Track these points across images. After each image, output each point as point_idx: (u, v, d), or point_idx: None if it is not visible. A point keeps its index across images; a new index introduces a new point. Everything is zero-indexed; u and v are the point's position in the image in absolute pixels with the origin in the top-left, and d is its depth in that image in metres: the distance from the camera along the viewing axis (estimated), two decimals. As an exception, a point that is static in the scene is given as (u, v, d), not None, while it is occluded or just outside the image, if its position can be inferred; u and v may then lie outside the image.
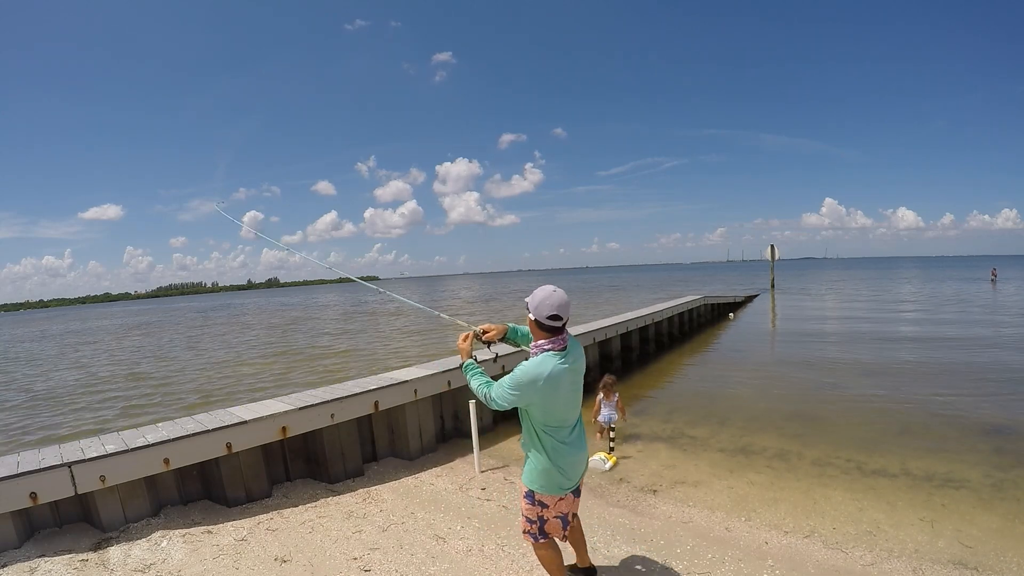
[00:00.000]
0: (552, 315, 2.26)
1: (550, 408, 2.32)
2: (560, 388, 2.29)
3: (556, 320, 2.27)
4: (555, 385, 2.27)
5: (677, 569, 3.27)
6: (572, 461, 2.39)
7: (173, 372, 13.82)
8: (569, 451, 2.37)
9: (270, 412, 4.47)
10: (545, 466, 2.36)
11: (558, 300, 2.28)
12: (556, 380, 2.26)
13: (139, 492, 3.93)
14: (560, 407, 2.34)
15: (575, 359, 2.38)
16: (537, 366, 2.26)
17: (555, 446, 2.35)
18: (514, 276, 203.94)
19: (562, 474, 2.36)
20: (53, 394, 11.78)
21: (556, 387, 2.27)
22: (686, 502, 4.42)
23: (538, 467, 2.37)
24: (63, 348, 23.90)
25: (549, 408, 2.32)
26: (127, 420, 8.70)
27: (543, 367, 2.25)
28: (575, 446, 2.40)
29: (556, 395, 2.30)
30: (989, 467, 4.93)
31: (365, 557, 3.43)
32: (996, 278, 35.76)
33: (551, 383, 2.25)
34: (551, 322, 2.27)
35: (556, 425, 2.36)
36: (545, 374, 2.24)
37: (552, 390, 2.27)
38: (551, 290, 2.31)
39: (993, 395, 7.57)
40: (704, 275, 76.37)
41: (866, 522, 3.96)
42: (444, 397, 6.04)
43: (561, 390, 2.30)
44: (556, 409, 2.33)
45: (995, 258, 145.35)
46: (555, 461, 2.35)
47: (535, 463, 2.39)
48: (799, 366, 10.41)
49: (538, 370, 2.25)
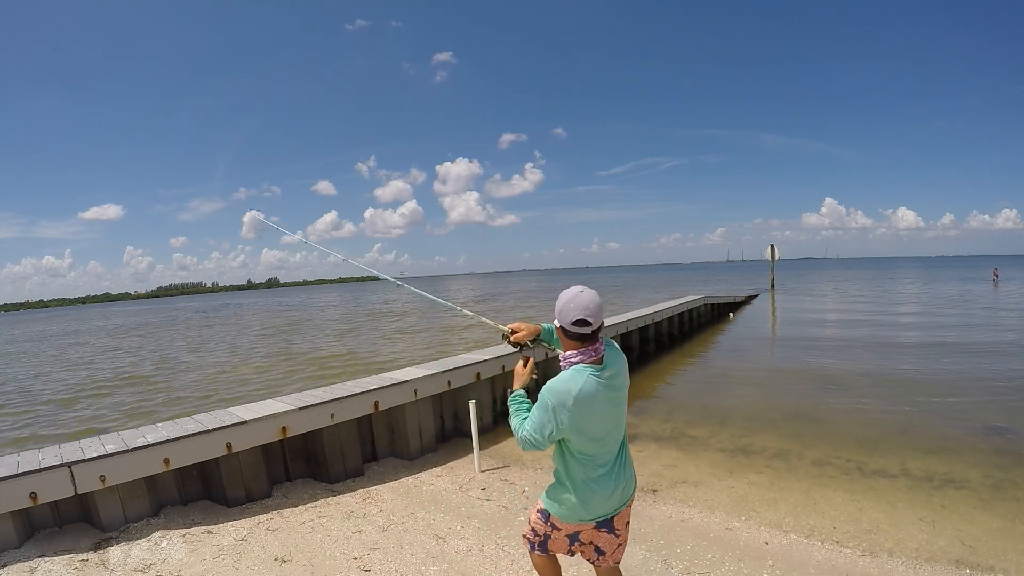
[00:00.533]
0: (578, 320, 1.88)
1: (584, 433, 1.93)
2: (595, 409, 1.91)
3: (583, 326, 1.89)
4: (588, 405, 1.89)
5: (677, 569, 3.27)
6: (603, 495, 2.00)
7: (172, 372, 13.82)
8: (602, 485, 1.99)
9: (270, 412, 4.48)
10: (568, 497, 2.02)
11: (586, 301, 1.90)
12: (589, 399, 1.88)
13: (139, 492, 3.93)
14: (597, 432, 1.96)
15: (615, 373, 1.98)
16: (565, 383, 1.89)
17: (585, 479, 1.98)
18: (514, 276, 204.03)
19: (586, 509, 2.01)
20: (53, 395, 11.78)
21: (590, 408, 1.89)
22: (686, 502, 4.42)
23: (561, 495, 2.05)
24: (62, 349, 23.90)
25: (583, 433, 1.93)
26: (127, 420, 8.70)
27: (572, 384, 1.88)
28: (610, 478, 2.01)
29: (590, 418, 1.91)
30: (989, 467, 4.93)
31: (365, 557, 3.43)
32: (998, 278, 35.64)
33: (583, 403, 1.88)
34: (578, 328, 1.89)
35: (591, 454, 1.98)
36: (575, 392, 1.86)
37: (585, 412, 1.89)
38: (577, 291, 1.94)
39: (993, 395, 7.57)
40: (704, 275, 76.41)
41: (866, 522, 3.96)
42: (444, 397, 6.05)
43: (596, 411, 1.92)
44: (592, 434, 1.95)
45: (995, 258, 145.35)
46: (581, 494, 1.99)
47: (560, 491, 2.06)
48: (799, 366, 10.41)
49: (566, 387, 1.88)
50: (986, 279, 37.50)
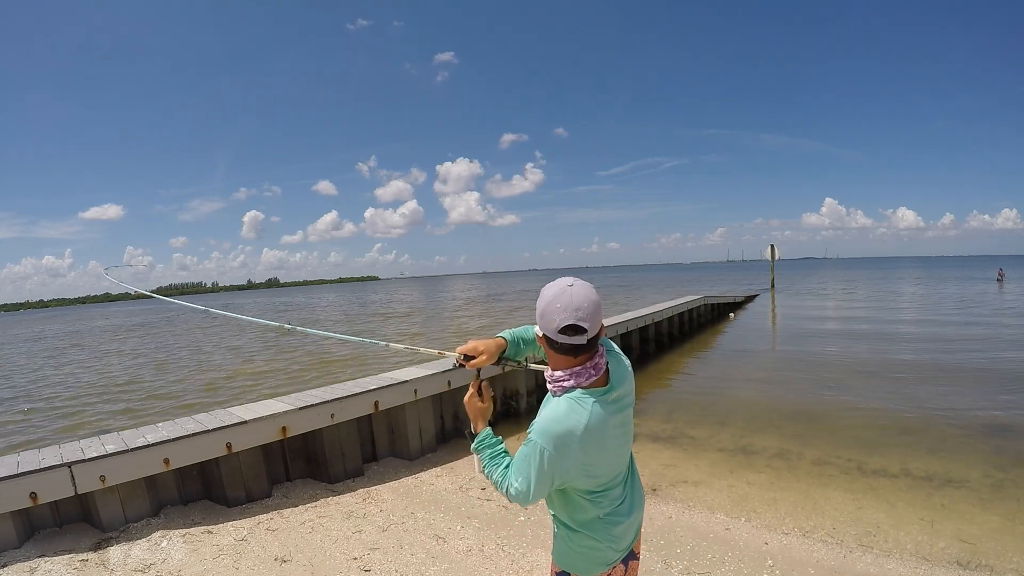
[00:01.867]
0: (567, 326, 1.33)
1: (595, 473, 1.47)
2: (606, 444, 1.44)
3: (575, 333, 1.34)
4: (597, 443, 1.41)
5: (677, 569, 3.27)
6: (625, 527, 1.57)
7: (172, 373, 13.82)
8: (622, 515, 1.56)
9: (270, 412, 4.47)
10: (587, 543, 1.55)
11: (577, 300, 1.34)
12: (598, 435, 1.40)
13: (139, 492, 3.93)
14: (610, 471, 1.51)
15: (623, 392, 1.49)
16: (562, 422, 1.39)
17: (599, 515, 1.53)
18: (515, 276, 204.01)
19: (612, 547, 1.56)
20: (53, 396, 11.78)
21: (600, 445, 1.42)
22: (686, 502, 4.42)
23: (578, 544, 1.56)
24: (62, 349, 23.90)
25: (593, 473, 1.47)
26: (127, 420, 8.70)
27: (572, 421, 1.38)
28: (628, 504, 1.59)
29: (602, 457, 1.45)
30: (989, 467, 4.93)
31: (365, 557, 3.43)
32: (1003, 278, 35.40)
33: (590, 443, 1.39)
34: (567, 338, 1.35)
35: (604, 488, 1.52)
36: (579, 432, 1.37)
37: (594, 452, 1.42)
38: (564, 285, 1.37)
39: (993, 395, 7.56)
40: (704, 275, 76.42)
41: (866, 522, 3.96)
42: (444, 397, 6.05)
43: (608, 447, 1.45)
44: (605, 471, 1.50)
45: (995, 258, 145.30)
46: (600, 536, 1.54)
47: (573, 539, 1.57)
48: (799, 366, 10.40)
49: (565, 428, 1.38)
50: (990, 279, 37.29)
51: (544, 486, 1.45)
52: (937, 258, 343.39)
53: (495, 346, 1.65)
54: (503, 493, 1.54)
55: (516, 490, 1.48)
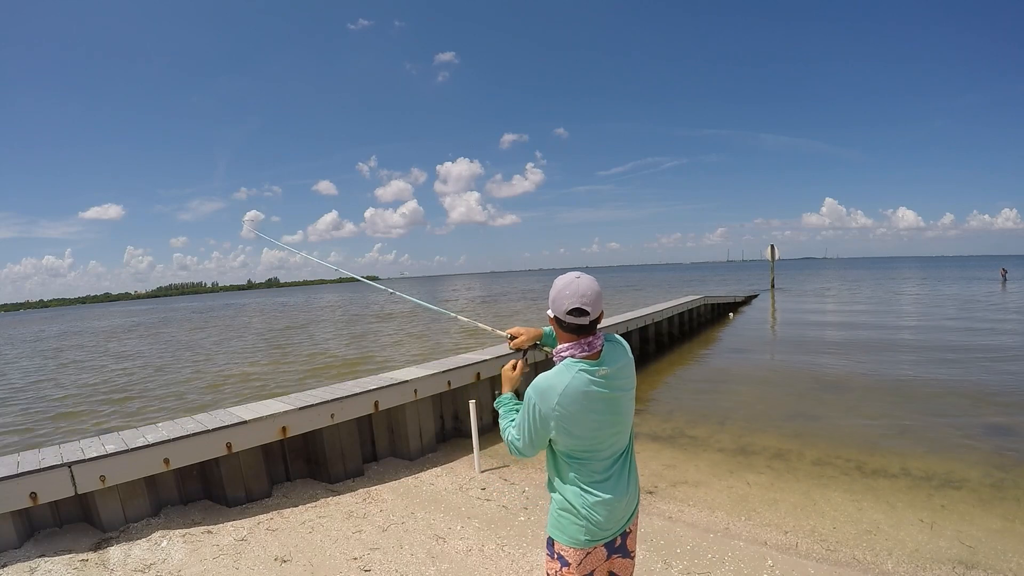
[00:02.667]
0: (574, 308, 1.67)
1: (573, 433, 1.71)
2: (586, 409, 1.70)
3: (580, 315, 1.68)
4: (577, 405, 1.68)
5: (677, 569, 3.27)
6: (604, 504, 1.73)
7: (172, 373, 13.83)
8: (601, 491, 1.73)
9: (270, 412, 4.48)
10: (565, 507, 1.77)
11: (583, 288, 1.69)
12: (577, 398, 1.68)
13: (139, 492, 3.93)
14: (587, 435, 1.73)
15: (617, 373, 1.76)
16: (550, 379, 1.70)
17: (582, 486, 1.74)
18: (515, 276, 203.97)
19: (590, 522, 1.73)
20: (53, 396, 11.78)
21: (579, 408, 1.69)
22: (686, 502, 4.42)
23: (558, 513, 1.80)
24: (63, 350, 23.91)
25: (571, 433, 1.71)
26: (127, 420, 8.70)
27: (558, 380, 1.69)
28: (611, 486, 1.75)
29: (579, 419, 1.70)
30: (989, 467, 4.93)
31: (365, 557, 3.44)
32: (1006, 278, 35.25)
33: (570, 402, 1.67)
34: (573, 318, 1.69)
35: (583, 454, 1.75)
36: (560, 388, 1.67)
37: (573, 412, 1.68)
38: (573, 277, 1.73)
39: (994, 395, 7.56)
40: (704, 275, 76.41)
41: (866, 522, 3.96)
42: (444, 397, 6.05)
43: (587, 412, 1.70)
44: (582, 434, 1.72)
45: (995, 258, 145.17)
46: (578, 503, 1.74)
47: (556, 506, 1.81)
48: (799, 366, 10.41)
49: (550, 383, 1.69)
50: (992, 279, 37.16)
51: (534, 436, 1.75)
52: (937, 258, 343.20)
53: (534, 332, 2.09)
54: (507, 445, 1.86)
55: (513, 437, 1.83)
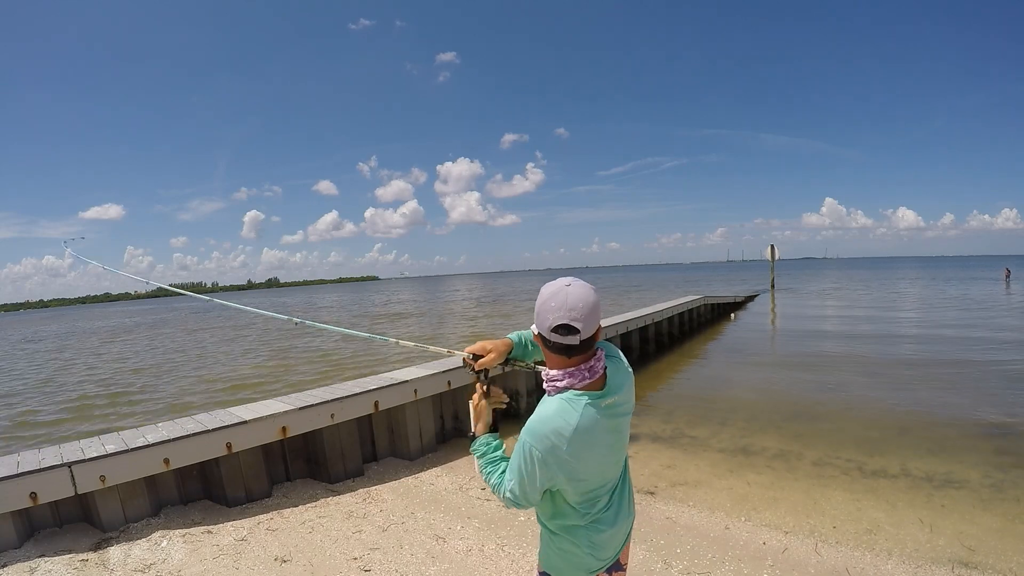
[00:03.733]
0: (560, 325, 1.32)
1: (583, 481, 1.44)
2: (596, 449, 1.41)
3: (568, 333, 1.32)
4: (587, 447, 1.38)
5: (677, 569, 3.27)
6: (608, 536, 1.54)
7: (172, 372, 13.82)
8: (605, 524, 1.52)
9: (270, 412, 4.48)
10: (567, 547, 1.54)
11: (572, 300, 1.32)
12: (588, 439, 1.37)
13: (139, 492, 3.93)
14: (599, 478, 1.48)
15: (621, 399, 1.46)
16: (552, 421, 1.37)
17: (586, 524, 1.51)
18: (515, 276, 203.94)
19: (594, 556, 1.53)
20: (53, 396, 11.78)
21: (590, 450, 1.39)
22: (686, 502, 4.42)
23: (557, 548, 1.56)
24: (63, 350, 23.91)
25: (580, 478, 1.43)
26: (127, 420, 8.70)
27: (562, 421, 1.36)
28: (614, 514, 1.55)
29: (591, 462, 1.42)
30: (989, 467, 4.93)
31: (365, 557, 3.43)
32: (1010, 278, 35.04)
33: (580, 446, 1.36)
34: (560, 338, 1.33)
35: (593, 496, 1.49)
36: (568, 433, 1.35)
37: (583, 456, 1.38)
38: (562, 285, 1.37)
39: (994, 395, 7.57)
40: (704, 275, 76.43)
41: (866, 522, 3.96)
42: (444, 397, 6.04)
43: (598, 452, 1.42)
44: (590, 476, 1.45)
45: (996, 258, 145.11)
46: (582, 542, 1.52)
47: (554, 542, 1.57)
48: (799, 366, 10.41)
49: (554, 428, 1.36)
50: (995, 279, 36.99)
51: (535, 488, 1.43)
52: (937, 258, 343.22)
53: (503, 346, 1.64)
54: (499, 497, 1.53)
55: (510, 494, 1.48)
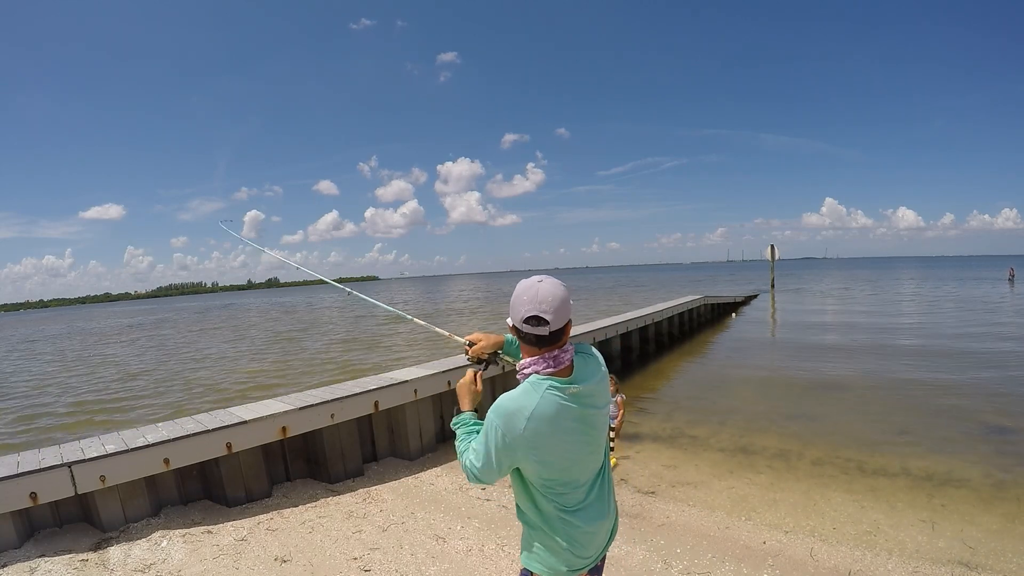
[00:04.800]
0: (531, 316, 1.46)
1: (546, 460, 1.50)
2: (558, 434, 1.48)
3: (537, 324, 1.46)
4: (547, 429, 1.46)
5: (677, 569, 3.27)
6: (586, 533, 1.58)
7: (172, 372, 13.82)
8: (582, 520, 1.56)
9: (270, 412, 4.47)
10: (547, 542, 1.57)
11: (542, 293, 1.46)
12: (548, 422, 1.46)
13: (139, 492, 3.93)
14: (562, 462, 1.52)
15: (590, 391, 1.54)
16: (515, 400, 1.48)
17: (560, 514, 1.54)
18: (516, 276, 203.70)
19: (572, 552, 1.57)
20: (54, 395, 11.78)
21: (550, 433, 1.47)
22: (686, 502, 4.42)
23: (538, 542, 1.59)
24: (63, 350, 23.91)
25: (544, 461, 1.50)
26: (127, 420, 8.70)
27: (524, 401, 1.46)
28: (592, 512, 1.59)
29: (552, 446, 1.48)
30: (989, 467, 4.93)
31: (365, 557, 3.43)
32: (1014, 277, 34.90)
33: (539, 427, 1.45)
34: (531, 328, 1.47)
35: (560, 483, 1.54)
36: (527, 412, 1.44)
37: (544, 438, 1.46)
38: (534, 281, 1.51)
39: (994, 395, 7.56)
40: (704, 275, 76.39)
41: (866, 522, 3.96)
42: (444, 397, 6.04)
43: (560, 437, 1.48)
44: (555, 462, 1.51)
45: (996, 258, 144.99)
46: (559, 535, 1.55)
47: (534, 536, 1.61)
48: (799, 366, 10.40)
49: (516, 406, 1.46)
50: (997, 279, 36.85)
51: (494, 463, 1.51)
52: (937, 258, 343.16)
53: (495, 339, 1.86)
54: (465, 467, 1.60)
55: (471, 463, 1.57)
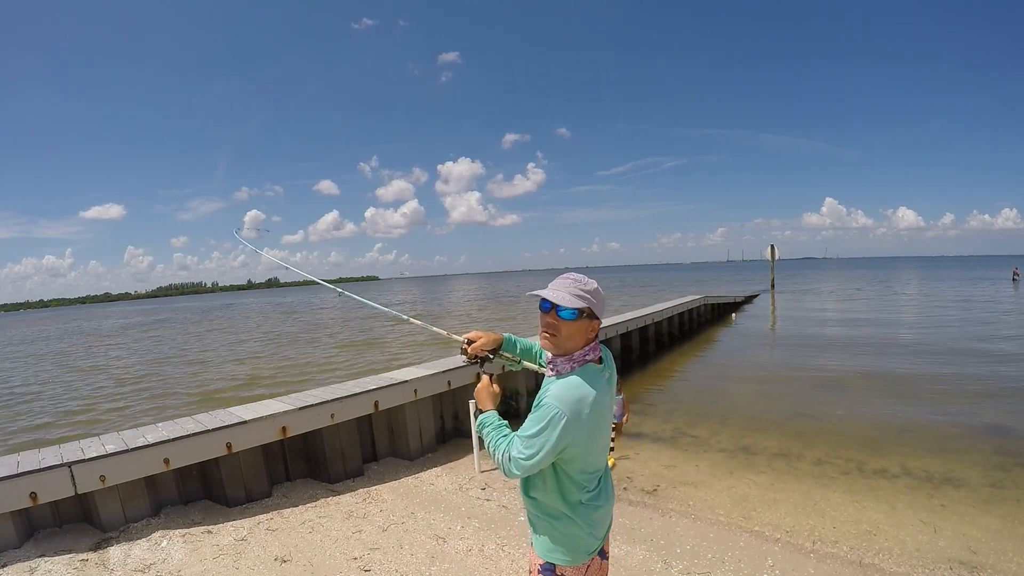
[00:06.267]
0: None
1: (593, 450, 1.59)
2: (604, 417, 1.59)
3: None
4: (601, 414, 1.56)
5: (677, 569, 3.27)
6: (605, 512, 1.69)
7: (172, 372, 13.82)
8: (601, 501, 1.66)
9: (270, 412, 4.47)
10: (570, 530, 1.62)
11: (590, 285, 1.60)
12: (602, 407, 1.56)
13: (139, 492, 3.93)
14: (600, 444, 1.64)
15: (613, 370, 1.71)
16: (579, 388, 1.52)
17: (584, 500, 1.62)
18: (516, 276, 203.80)
19: (593, 535, 1.65)
20: (54, 396, 11.78)
21: (602, 417, 1.57)
22: (686, 502, 4.42)
23: (561, 532, 1.63)
24: (64, 351, 23.90)
25: (591, 449, 1.58)
26: (127, 420, 8.70)
27: (587, 389, 1.52)
28: (607, 492, 1.70)
29: (602, 429, 1.60)
30: (989, 467, 4.93)
31: (365, 557, 3.43)
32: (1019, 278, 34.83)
33: (597, 413, 1.54)
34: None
35: (593, 468, 1.63)
36: (591, 400, 1.51)
37: (598, 422, 1.56)
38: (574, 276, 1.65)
39: (994, 395, 7.56)
40: (704, 275, 76.40)
41: (866, 522, 3.96)
42: (444, 397, 6.04)
43: (604, 419, 1.60)
44: (594, 447, 1.60)
45: (996, 258, 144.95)
46: (583, 520, 1.62)
47: (556, 527, 1.63)
48: (799, 366, 10.41)
49: (581, 394, 1.51)
50: (1001, 279, 36.75)
51: (552, 453, 1.51)
52: (938, 258, 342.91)
53: (494, 337, 1.88)
54: (504, 461, 1.59)
55: (518, 455, 1.54)
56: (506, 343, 1.91)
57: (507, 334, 1.93)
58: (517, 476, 1.60)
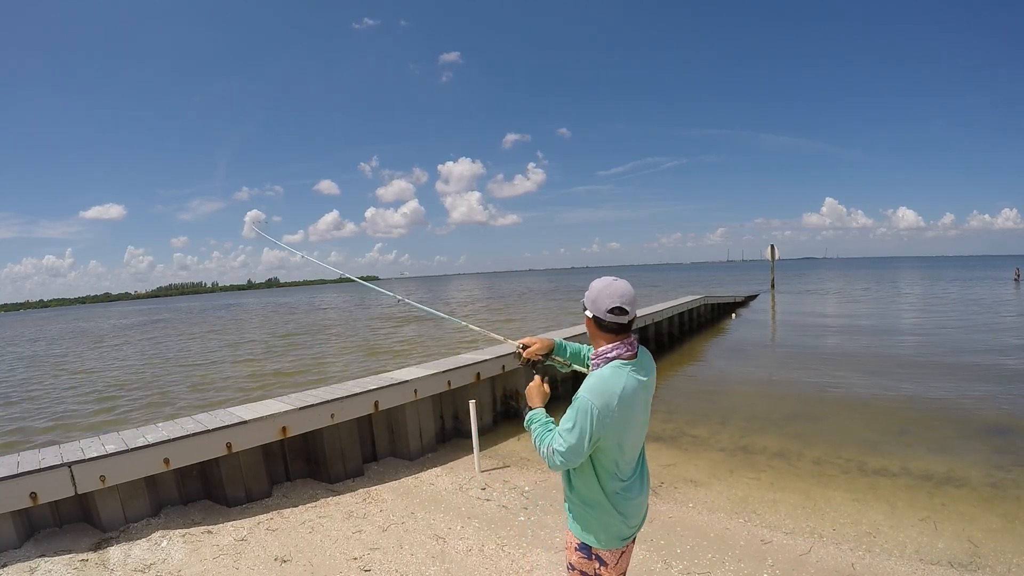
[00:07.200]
0: (615, 307, 1.69)
1: (622, 443, 1.73)
2: (636, 411, 1.72)
3: (621, 314, 1.70)
4: (631, 408, 1.69)
5: (677, 569, 3.27)
6: (635, 504, 1.82)
7: (172, 372, 13.82)
8: (634, 492, 1.80)
9: (270, 412, 4.48)
10: (605, 518, 1.77)
11: (620, 289, 1.72)
12: (632, 401, 1.69)
13: (139, 492, 3.93)
14: (635, 440, 1.78)
15: (648, 370, 1.82)
16: (607, 381, 1.68)
17: (618, 490, 1.76)
18: (516, 276, 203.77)
19: (626, 523, 1.80)
20: (55, 396, 11.78)
21: (632, 411, 1.70)
22: (686, 502, 4.42)
23: (595, 518, 1.78)
24: (64, 351, 23.90)
25: (623, 442, 1.73)
26: (127, 420, 8.70)
27: (614, 383, 1.67)
28: (641, 482, 1.85)
29: (631, 423, 1.72)
30: (989, 467, 4.93)
31: (365, 557, 3.43)
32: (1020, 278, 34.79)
33: (626, 406, 1.67)
34: (615, 317, 1.70)
35: (626, 460, 1.78)
36: (619, 392, 1.66)
37: (627, 416, 1.69)
38: (611, 279, 1.76)
39: (993, 395, 7.56)
40: (705, 275, 76.35)
41: (866, 522, 3.96)
42: (444, 397, 6.04)
43: (636, 415, 1.73)
44: (630, 443, 1.75)
45: (997, 258, 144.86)
46: (618, 507, 1.77)
47: (591, 513, 1.79)
48: (799, 366, 10.40)
49: (609, 387, 1.66)
50: (1004, 279, 36.66)
51: (586, 442, 1.65)
52: (938, 258, 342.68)
53: (548, 343, 2.05)
54: (549, 455, 1.73)
55: (557, 449, 1.69)
56: (557, 348, 2.05)
57: (558, 339, 2.08)
58: (560, 468, 1.74)
